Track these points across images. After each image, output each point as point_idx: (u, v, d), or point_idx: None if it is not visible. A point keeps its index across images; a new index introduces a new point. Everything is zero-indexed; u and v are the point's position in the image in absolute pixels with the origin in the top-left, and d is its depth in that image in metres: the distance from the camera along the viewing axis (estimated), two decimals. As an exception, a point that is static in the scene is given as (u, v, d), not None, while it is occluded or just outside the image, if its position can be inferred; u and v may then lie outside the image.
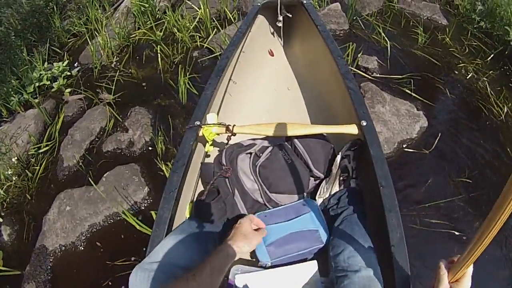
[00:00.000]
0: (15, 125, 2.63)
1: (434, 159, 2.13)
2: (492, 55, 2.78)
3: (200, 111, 1.48)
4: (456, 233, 1.78)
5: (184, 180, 1.31)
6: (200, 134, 1.42)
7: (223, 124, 1.42)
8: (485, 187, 1.98)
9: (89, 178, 2.13)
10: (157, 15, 3.60)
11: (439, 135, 2.22)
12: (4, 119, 2.80)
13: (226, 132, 1.43)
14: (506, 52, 2.80)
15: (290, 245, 1.27)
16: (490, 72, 2.65)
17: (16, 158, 2.40)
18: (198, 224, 1.18)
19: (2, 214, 2.18)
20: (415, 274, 1.58)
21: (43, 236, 1.96)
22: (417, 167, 2.10)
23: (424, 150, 2.16)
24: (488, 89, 2.50)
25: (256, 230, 1.13)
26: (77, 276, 1.83)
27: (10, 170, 2.35)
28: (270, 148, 1.49)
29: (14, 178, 2.33)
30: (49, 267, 1.87)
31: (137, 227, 1.87)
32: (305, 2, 2.01)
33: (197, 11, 3.34)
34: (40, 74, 3.01)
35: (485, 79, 2.60)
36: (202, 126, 1.42)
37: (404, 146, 2.19)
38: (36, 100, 2.81)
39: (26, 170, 2.34)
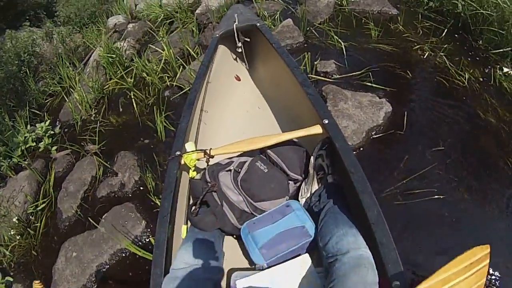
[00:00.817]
0: (9, 189, 2.73)
1: (406, 138, 2.19)
2: (445, 30, 2.86)
3: (179, 142, 1.59)
4: (439, 196, 1.84)
5: (176, 205, 1.42)
6: (182, 162, 1.54)
7: (201, 150, 1.56)
8: (459, 150, 2.07)
9: (90, 222, 2.22)
10: (126, 64, 3.73)
11: (406, 114, 2.28)
12: (-4, 185, 2.88)
13: (205, 156, 1.55)
14: (459, 25, 2.91)
15: (280, 244, 1.36)
16: (445, 46, 2.72)
17: (16, 218, 2.48)
18: (197, 234, 1.38)
19: (11, 273, 2.25)
20: (408, 246, 1.68)
21: (55, 285, 2.03)
22: (391, 149, 2.17)
23: (394, 131, 2.23)
24: (447, 62, 2.58)
25: None
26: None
27: (12, 230, 2.43)
28: (247, 163, 1.60)
29: (17, 238, 2.41)
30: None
31: (141, 254, 1.98)
32: (258, 25, 2.12)
33: (162, 53, 3.47)
34: (25, 137, 3.11)
35: (442, 54, 2.67)
36: (183, 155, 1.54)
37: (373, 133, 2.26)
38: (26, 162, 2.90)
39: (28, 229, 2.43)
